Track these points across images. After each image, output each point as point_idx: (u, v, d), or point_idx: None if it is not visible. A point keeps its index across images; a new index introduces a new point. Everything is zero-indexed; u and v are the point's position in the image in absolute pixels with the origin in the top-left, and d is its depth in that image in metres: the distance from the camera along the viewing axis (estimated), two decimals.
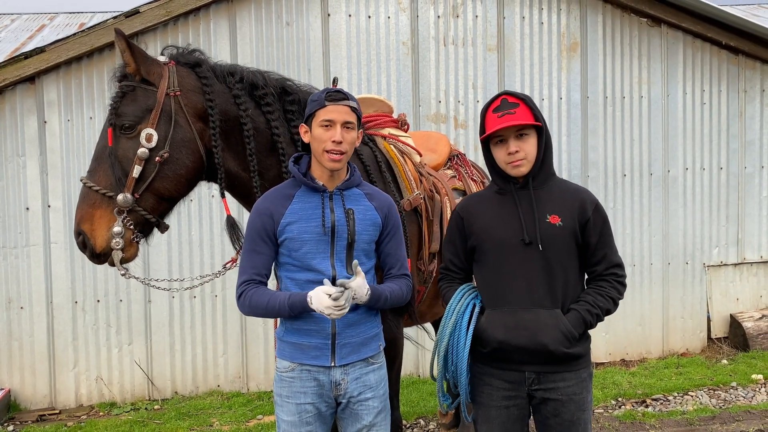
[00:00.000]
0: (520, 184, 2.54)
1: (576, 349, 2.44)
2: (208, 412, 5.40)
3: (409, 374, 6.08)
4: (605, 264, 2.53)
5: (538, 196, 2.51)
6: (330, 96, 2.41)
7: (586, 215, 2.49)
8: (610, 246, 2.55)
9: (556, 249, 2.45)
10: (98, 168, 2.61)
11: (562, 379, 2.45)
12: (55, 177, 5.55)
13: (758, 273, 6.82)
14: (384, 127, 3.48)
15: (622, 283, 2.55)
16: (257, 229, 2.46)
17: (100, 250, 2.59)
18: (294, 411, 2.44)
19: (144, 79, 2.66)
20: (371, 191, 2.58)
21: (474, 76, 6.18)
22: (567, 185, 2.60)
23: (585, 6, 6.33)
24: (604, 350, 6.48)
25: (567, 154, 6.34)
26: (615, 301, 2.51)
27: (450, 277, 2.70)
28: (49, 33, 7.98)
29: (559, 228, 2.46)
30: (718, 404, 5.28)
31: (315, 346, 2.43)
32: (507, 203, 2.54)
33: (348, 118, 2.41)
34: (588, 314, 2.44)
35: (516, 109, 2.47)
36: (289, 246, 2.43)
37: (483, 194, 2.69)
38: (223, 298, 5.83)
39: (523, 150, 2.47)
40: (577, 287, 2.52)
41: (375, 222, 2.51)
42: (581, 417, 2.49)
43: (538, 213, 2.47)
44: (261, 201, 2.51)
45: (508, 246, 2.48)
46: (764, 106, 6.73)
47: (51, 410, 5.56)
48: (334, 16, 5.94)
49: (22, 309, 5.58)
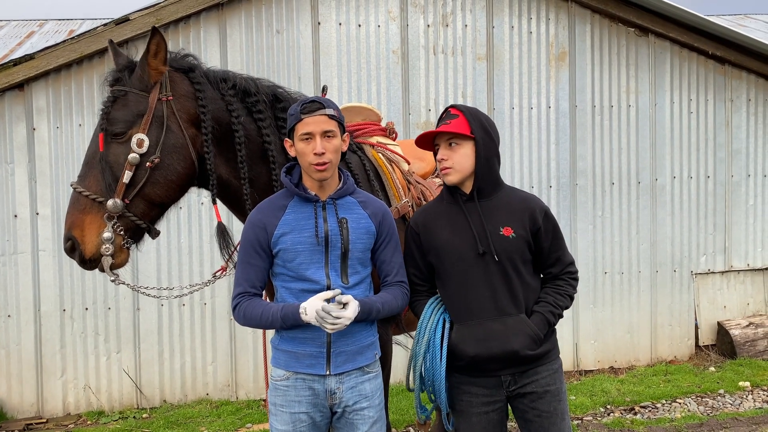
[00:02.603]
0: (466, 197, 2.58)
1: (544, 346, 2.54)
2: (197, 421, 5.37)
3: (399, 382, 6.07)
4: (560, 266, 2.63)
5: (486, 209, 2.56)
6: (305, 108, 2.40)
7: (537, 224, 2.56)
8: (562, 248, 2.64)
9: (511, 259, 2.52)
10: (89, 173, 2.59)
11: (535, 374, 2.54)
12: (44, 184, 5.53)
13: (745, 281, 6.87)
14: (372, 135, 3.49)
15: (576, 279, 2.67)
16: (251, 241, 2.46)
17: (90, 256, 2.56)
18: (288, 420, 2.43)
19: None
20: (365, 199, 2.58)
21: (463, 85, 6.21)
22: (515, 194, 2.65)
23: (573, 16, 6.39)
24: (592, 358, 6.51)
25: (555, 163, 6.38)
26: (572, 297, 2.64)
27: (415, 290, 2.72)
28: (38, 40, 7.95)
29: (512, 239, 2.52)
30: (706, 411, 5.31)
31: (310, 354, 2.42)
32: (458, 216, 2.58)
33: (326, 127, 2.40)
34: (551, 315, 2.54)
35: (453, 120, 2.53)
36: (284, 257, 2.43)
37: (434, 208, 2.71)
38: (212, 306, 5.81)
39: (450, 159, 2.53)
40: (535, 289, 2.61)
41: (369, 230, 2.50)
42: (558, 407, 2.56)
43: (489, 225, 2.52)
44: (254, 213, 2.51)
45: (466, 259, 2.53)
46: (750, 116, 6.80)
47: (38, 419, 5.52)
48: (325, 25, 5.96)
49: (9, 317, 5.54)
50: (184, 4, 5.57)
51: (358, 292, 2.45)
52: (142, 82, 2.64)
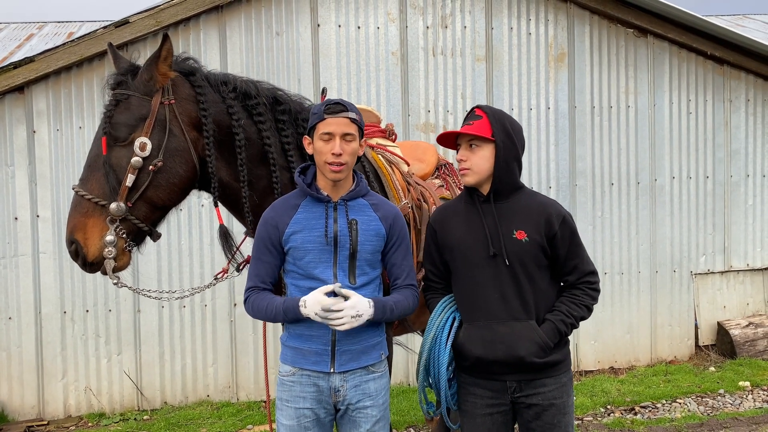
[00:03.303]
0: (483, 198, 2.58)
1: (554, 356, 2.50)
2: (198, 422, 5.38)
3: (399, 383, 6.09)
4: (577, 274, 2.57)
5: (502, 211, 2.55)
6: (329, 109, 2.45)
7: (553, 230, 2.52)
8: (580, 256, 2.58)
9: (523, 263, 2.50)
10: (90, 176, 2.60)
11: (542, 385, 2.51)
12: (44, 187, 5.53)
13: (745, 281, 6.88)
14: (372, 137, 3.51)
15: (596, 290, 2.59)
16: (263, 238, 2.54)
17: (93, 259, 2.58)
18: (293, 415, 2.49)
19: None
20: (377, 201, 2.61)
21: (463, 86, 6.22)
22: (534, 199, 2.62)
23: (572, 17, 6.40)
24: (592, 358, 6.51)
25: (555, 164, 6.39)
26: (589, 308, 2.57)
27: (432, 288, 2.75)
28: (37, 42, 7.97)
29: (525, 243, 2.50)
30: (706, 411, 5.32)
31: (315, 351, 2.48)
32: (473, 217, 2.59)
33: (347, 130, 2.44)
34: (562, 324, 2.49)
35: (477, 121, 2.53)
36: (294, 255, 2.49)
37: (453, 206, 2.72)
38: (212, 308, 5.82)
39: (469, 160, 2.53)
40: (550, 296, 2.57)
41: (379, 233, 2.53)
42: (562, 420, 2.55)
43: (503, 228, 2.51)
44: (268, 211, 2.58)
45: (477, 259, 2.53)
46: (749, 116, 6.82)
47: (39, 421, 5.52)
48: (324, 27, 5.97)
49: (10, 319, 5.55)
50: (183, 6, 5.58)
51: (365, 293, 2.47)
52: (147, 86, 2.65)
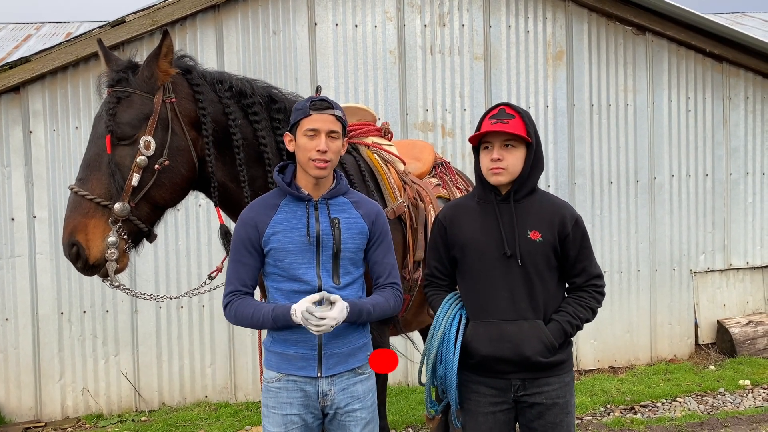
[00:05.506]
0: (501, 197, 2.56)
1: (558, 356, 2.51)
2: (196, 423, 5.36)
3: (398, 383, 6.07)
4: (585, 276, 2.58)
5: (519, 211, 2.53)
6: (314, 105, 2.40)
7: (566, 231, 2.52)
8: (589, 258, 2.59)
9: (535, 263, 2.49)
10: (91, 176, 2.54)
11: (546, 384, 2.51)
12: (41, 187, 5.51)
13: (744, 279, 6.86)
14: (368, 135, 3.48)
15: (602, 293, 2.60)
16: (242, 239, 2.45)
17: (94, 261, 2.51)
18: (280, 422, 2.42)
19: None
20: (358, 199, 2.56)
21: (461, 85, 6.20)
22: (548, 199, 2.62)
23: (570, 15, 6.38)
24: (592, 357, 6.49)
25: (554, 162, 6.37)
26: (594, 311, 2.58)
27: (436, 284, 2.73)
28: (35, 42, 7.95)
29: (539, 244, 2.49)
30: (706, 410, 5.30)
31: (301, 356, 2.41)
32: (488, 215, 2.56)
33: (332, 127, 2.40)
34: (568, 325, 2.51)
35: (511, 120, 2.49)
36: (275, 256, 2.41)
37: (465, 203, 2.69)
38: (210, 309, 5.80)
39: (506, 160, 2.48)
40: (557, 297, 2.58)
41: (361, 231, 2.49)
42: (564, 420, 2.54)
43: (519, 228, 2.50)
44: (246, 211, 2.49)
45: (490, 259, 2.52)
46: (748, 113, 6.79)
47: (36, 423, 5.50)
48: (321, 25, 5.95)
49: (7, 321, 5.52)
50: (180, 5, 5.56)
51: (349, 293, 2.44)
52: (148, 84, 2.62)
